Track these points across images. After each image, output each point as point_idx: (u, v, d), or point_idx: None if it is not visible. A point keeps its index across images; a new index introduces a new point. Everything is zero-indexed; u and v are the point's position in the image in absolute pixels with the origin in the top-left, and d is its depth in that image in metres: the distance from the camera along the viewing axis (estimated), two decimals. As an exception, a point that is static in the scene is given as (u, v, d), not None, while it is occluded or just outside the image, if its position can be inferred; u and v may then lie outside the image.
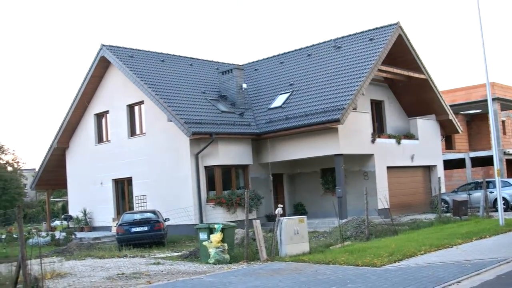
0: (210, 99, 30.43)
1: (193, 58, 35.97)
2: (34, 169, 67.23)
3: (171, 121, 26.96)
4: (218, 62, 37.14)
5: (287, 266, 14.50)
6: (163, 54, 34.42)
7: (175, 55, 35.22)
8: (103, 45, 31.18)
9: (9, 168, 73.02)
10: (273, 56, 36.40)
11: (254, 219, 18.44)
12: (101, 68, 31.97)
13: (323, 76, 29.83)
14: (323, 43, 33.50)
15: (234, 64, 35.38)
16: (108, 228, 30.20)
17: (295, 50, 34.86)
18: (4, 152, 75.05)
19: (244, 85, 31.75)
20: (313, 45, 33.99)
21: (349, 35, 32.23)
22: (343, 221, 23.12)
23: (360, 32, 31.85)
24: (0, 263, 18.31)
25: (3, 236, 30.12)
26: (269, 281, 12.30)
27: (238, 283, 12.30)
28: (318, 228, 25.63)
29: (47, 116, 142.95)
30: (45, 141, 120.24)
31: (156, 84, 29.27)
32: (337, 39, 32.74)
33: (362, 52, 29.69)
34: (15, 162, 75.70)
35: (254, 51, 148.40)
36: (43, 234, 28.74)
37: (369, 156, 28.93)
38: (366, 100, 30.09)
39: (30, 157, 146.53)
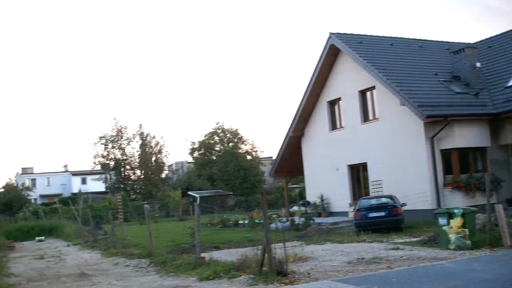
0: (442, 81, 29.66)
1: (422, 40, 35.20)
2: (272, 157, 70.14)
3: (403, 105, 26.75)
4: (449, 42, 35.97)
5: (534, 253, 13.82)
6: (391, 37, 34.16)
7: (403, 38, 34.74)
8: (332, 34, 31.73)
9: (249, 157, 77.05)
10: (507, 32, 34.28)
11: (495, 203, 17.78)
12: (330, 56, 32.55)
13: None
14: None
15: (466, 43, 34.06)
16: (344, 213, 30.74)
17: (533, 23, 32.69)
18: (244, 142, 79.43)
19: (478, 64, 30.48)
20: (553, 16, 31.63)
21: None
22: None
23: None
24: (245, 247, 19.58)
25: (246, 221, 31.97)
26: (515, 269, 11.84)
27: (482, 271, 11.91)
28: None
29: (282, 106, 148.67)
30: (281, 130, 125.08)
31: (386, 68, 29.19)
32: None
33: None
34: (254, 151, 79.67)
35: (487, 28, 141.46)
36: (283, 219, 29.95)
37: None
38: None
39: (268, 146, 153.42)
